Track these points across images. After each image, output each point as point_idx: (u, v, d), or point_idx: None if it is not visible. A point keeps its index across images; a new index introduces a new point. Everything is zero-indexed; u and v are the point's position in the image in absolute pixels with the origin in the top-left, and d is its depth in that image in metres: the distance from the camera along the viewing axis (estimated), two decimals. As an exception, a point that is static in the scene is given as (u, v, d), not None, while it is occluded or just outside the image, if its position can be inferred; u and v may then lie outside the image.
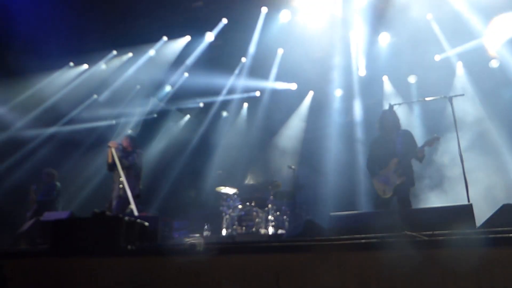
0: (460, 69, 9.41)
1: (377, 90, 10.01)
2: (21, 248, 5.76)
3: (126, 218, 3.70)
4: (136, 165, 6.76)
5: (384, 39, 9.30)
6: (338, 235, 3.14)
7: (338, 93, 10.60)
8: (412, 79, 9.83)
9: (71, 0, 8.08)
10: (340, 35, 9.26)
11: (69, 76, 10.25)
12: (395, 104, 5.71)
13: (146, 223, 4.12)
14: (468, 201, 4.52)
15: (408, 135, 5.44)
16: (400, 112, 8.83)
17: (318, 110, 10.85)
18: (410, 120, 9.32)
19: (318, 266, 2.59)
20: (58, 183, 8.31)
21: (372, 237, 2.86)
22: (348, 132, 10.00)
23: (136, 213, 6.24)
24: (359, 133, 9.80)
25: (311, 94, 11.10)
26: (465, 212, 3.59)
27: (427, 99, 6.05)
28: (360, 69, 9.78)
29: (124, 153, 6.78)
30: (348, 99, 10.33)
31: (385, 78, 10.13)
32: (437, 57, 9.25)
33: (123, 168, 6.50)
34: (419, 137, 8.56)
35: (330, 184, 9.16)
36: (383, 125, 5.50)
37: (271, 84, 10.68)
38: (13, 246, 6.24)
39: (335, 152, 9.77)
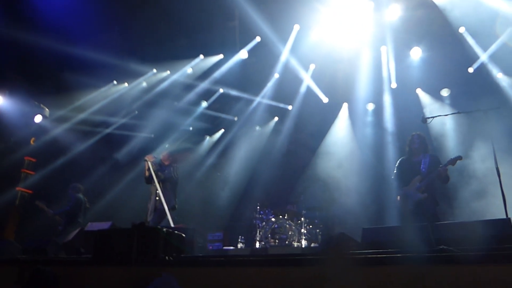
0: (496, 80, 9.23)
1: (409, 104, 9.98)
2: (66, 257, 6.06)
3: (164, 229, 3.84)
4: (172, 179, 6.97)
5: (416, 53, 9.32)
6: (371, 249, 3.21)
7: (370, 107, 10.64)
8: (444, 92, 9.77)
9: (119, 25, 8.68)
10: (371, 50, 9.40)
11: (111, 92, 10.83)
12: (428, 118, 5.77)
13: (183, 235, 4.29)
14: (506, 215, 4.46)
15: (434, 159, 5.68)
16: (434, 125, 9.01)
17: (349, 124, 10.89)
18: (444, 133, 9.24)
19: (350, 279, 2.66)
20: (81, 196, 8.60)
21: (406, 251, 2.88)
22: (379, 146, 9.98)
23: (172, 224, 6.46)
24: (391, 147, 9.76)
25: (345, 106, 11.10)
26: (503, 226, 3.52)
27: (461, 112, 6.04)
28: (392, 83, 9.82)
29: (161, 167, 7.04)
30: (380, 112, 10.34)
31: (418, 91, 10.09)
32: (471, 69, 9.17)
33: (159, 181, 6.75)
34: (454, 150, 8.58)
35: (362, 197, 9.15)
36: (411, 147, 5.81)
37: (302, 97, 10.84)
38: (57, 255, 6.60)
39: (367, 165, 9.77)
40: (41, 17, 8.12)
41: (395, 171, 5.98)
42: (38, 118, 9.83)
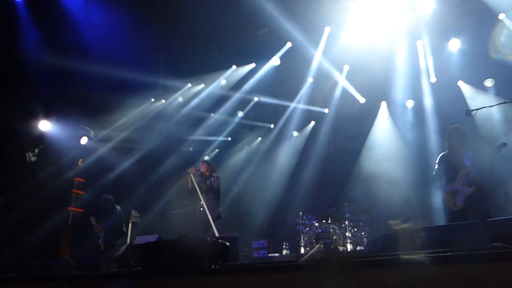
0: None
1: (451, 98, 9.61)
2: (118, 270, 6.25)
3: (209, 239, 3.90)
4: (214, 189, 7.07)
5: (454, 45, 8.99)
6: (421, 249, 3.10)
7: (409, 104, 10.34)
8: (488, 83, 9.32)
9: (156, 46, 9.01)
10: (406, 45, 9.16)
11: (150, 109, 11.19)
12: (472, 110, 5.53)
13: (227, 243, 4.34)
14: None
15: (478, 151, 5.43)
16: (480, 117, 8.61)
17: (389, 123, 10.63)
18: (492, 124, 8.82)
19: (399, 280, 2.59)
20: (118, 206, 8.73)
21: (457, 250, 2.78)
22: (422, 144, 9.66)
23: (217, 234, 6.55)
24: (435, 144, 9.42)
25: (383, 105, 10.84)
26: None
27: (508, 102, 5.74)
28: (431, 77, 9.50)
29: (202, 178, 7.15)
30: (420, 109, 10.02)
31: (460, 83, 9.70)
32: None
33: (202, 192, 6.87)
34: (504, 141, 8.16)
35: (408, 198, 8.88)
36: (450, 142, 5.62)
37: (338, 100, 10.72)
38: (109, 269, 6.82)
39: (411, 165, 9.48)
40: (78, 41, 8.56)
41: (436, 167, 5.72)
42: (84, 140, 10.27)
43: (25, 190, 9.84)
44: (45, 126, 10.00)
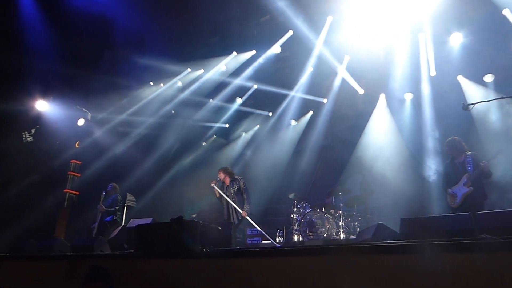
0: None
1: (450, 92, 9.59)
2: (111, 252, 6.29)
3: (201, 223, 3.96)
4: (240, 189, 7.54)
5: (456, 39, 8.93)
6: (410, 239, 3.14)
7: (408, 96, 10.32)
8: (489, 78, 9.30)
9: (154, 27, 8.95)
10: (408, 38, 9.11)
11: (148, 93, 11.15)
12: (469, 104, 5.60)
13: (219, 228, 4.40)
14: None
15: (476, 156, 5.94)
16: (477, 112, 8.62)
17: (387, 115, 10.63)
18: (489, 119, 8.84)
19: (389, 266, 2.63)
20: (119, 196, 8.82)
21: (447, 240, 2.82)
22: (419, 136, 9.68)
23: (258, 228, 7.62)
24: (430, 138, 9.44)
25: (382, 97, 10.82)
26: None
27: (505, 97, 5.75)
28: (431, 70, 9.47)
29: (226, 186, 7.62)
30: (418, 102, 10.01)
31: (460, 78, 9.67)
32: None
33: (231, 196, 7.46)
34: (501, 136, 8.22)
35: (401, 189, 8.93)
36: (450, 153, 6.16)
37: (337, 90, 10.69)
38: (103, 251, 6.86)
39: (406, 157, 9.52)
40: (78, 22, 8.49)
41: (443, 174, 6.31)
42: (80, 122, 10.25)
43: (21, 170, 9.85)
44: (42, 106, 9.96)
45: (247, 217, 7.34)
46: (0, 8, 8.53)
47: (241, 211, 7.26)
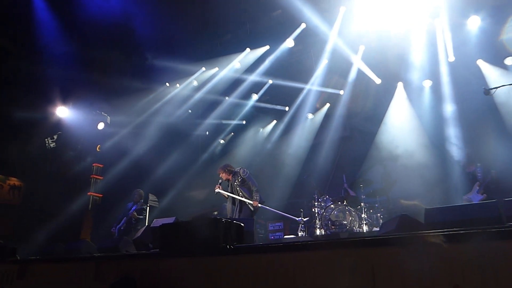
0: None
1: (470, 77, 9.37)
2: (136, 252, 6.39)
3: (223, 220, 3.98)
4: (243, 180, 7.33)
5: (474, 22, 8.71)
6: (435, 229, 3.09)
7: (427, 84, 10.13)
8: (509, 61, 9.04)
9: (171, 30, 9.02)
10: (424, 24, 8.94)
11: (165, 94, 11.25)
12: (491, 89, 5.49)
13: (242, 224, 4.40)
14: None
15: (485, 168, 6.85)
16: (499, 96, 8.39)
17: (406, 104, 10.46)
18: (510, 103, 8.61)
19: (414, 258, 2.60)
20: (144, 205, 8.84)
21: (472, 229, 2.76)
22: (440, 124, 9.49)
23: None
24: (452, 123, 9.24)
25: (400, 86, 10.63)
26: None
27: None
28: (449, 56, 9.27)
29: (230, 183, 7.43)
30: (438, 88, 9.81)
31: (479, 62, 9.43)
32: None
33: (236, 191, 7.26)
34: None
35: (425, 179, 8.78)
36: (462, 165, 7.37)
37: (353, 81, 10.57)
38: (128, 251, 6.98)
39: (428, 146, 9.35)
40: (93, 28, 8.61)
41: None
42: (100, 125, 10.42)
43: (46, 176, 10.09)
44: (63, 112, 10.18)
45: (261, 205, 7.12)
46: (17, 19, 8.70)
47: (251, 202, 7.05)
